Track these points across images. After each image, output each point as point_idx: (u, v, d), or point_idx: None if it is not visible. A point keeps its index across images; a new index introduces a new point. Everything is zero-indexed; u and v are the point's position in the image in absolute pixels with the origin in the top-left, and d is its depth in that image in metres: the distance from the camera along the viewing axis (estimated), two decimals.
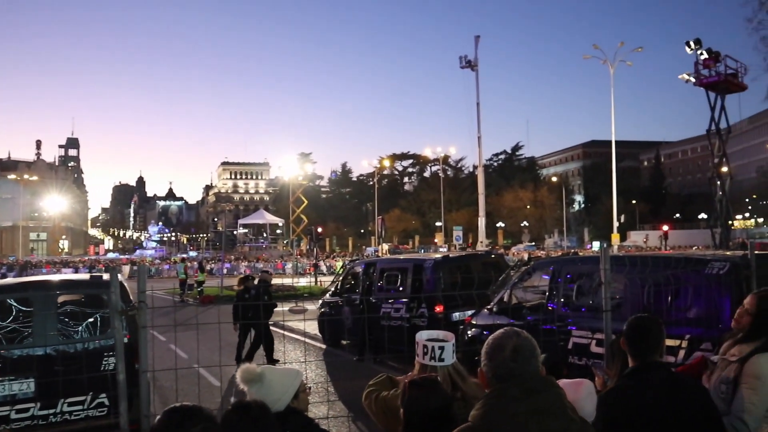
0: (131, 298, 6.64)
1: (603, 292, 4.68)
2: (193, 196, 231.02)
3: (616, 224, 47.23)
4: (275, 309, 12.73)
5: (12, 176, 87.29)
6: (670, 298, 6.58)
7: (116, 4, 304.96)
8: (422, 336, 3.07)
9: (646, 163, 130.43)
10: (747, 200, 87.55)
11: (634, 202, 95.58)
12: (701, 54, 33.29)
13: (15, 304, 7.21)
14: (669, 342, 6.50)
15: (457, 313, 11.37)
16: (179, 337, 11.88)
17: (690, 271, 6.56)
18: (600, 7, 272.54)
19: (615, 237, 47.01)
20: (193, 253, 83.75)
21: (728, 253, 8.02)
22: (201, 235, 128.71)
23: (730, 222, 39.13)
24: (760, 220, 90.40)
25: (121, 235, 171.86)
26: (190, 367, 9.97)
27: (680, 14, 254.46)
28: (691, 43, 33.39)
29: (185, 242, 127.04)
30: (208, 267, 47.83)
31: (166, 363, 10.54)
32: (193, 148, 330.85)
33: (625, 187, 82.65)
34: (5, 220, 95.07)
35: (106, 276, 8.04)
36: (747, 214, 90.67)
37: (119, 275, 8.31)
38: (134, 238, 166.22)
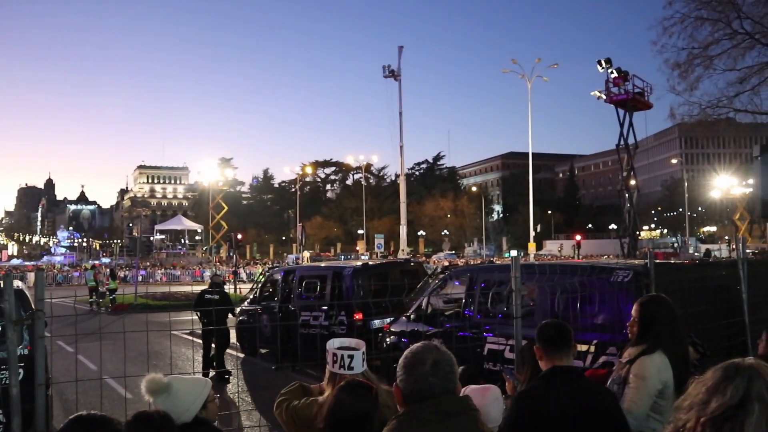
0: (33, 307, 6.29)
1: (514, 299, 4.82)
2: (107, 201, 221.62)
3: (532, 233, 48.77)
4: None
5: None
6: (578, 304, 6.83)
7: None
8: (333, 344, 3.07)
9: (561, 175, 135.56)
10: (653, 212, 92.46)
11: (549, 212, 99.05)
12: (611, 73, 34.91)
13: None
14: (577, 347, 6.79)
15: (376, 321, 11.40)
16: (89, 347, 11.39)
17: (597, 279, 6.84)
18: (520, 23, 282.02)
19: (531, 246, 48.55)
20: (105, 260, 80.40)
21: (636, 261, 8.42)
22: (115, 241, 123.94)
23: (637, 232, 41.16)
24: (665, 230, 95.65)
25: (27, 240, 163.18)
26: (98, 378, 9.54)
27: (593, 34, 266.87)
28: (603, 62, 34.96)
29: (98, 248, 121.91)
30: (121, 274, 46.06)
31: (73, 375, 10.05)
32: (108, 151, 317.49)
33: (541, 198, 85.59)
34: None
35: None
36: (653, 225, 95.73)
37: (21, 283, 7.87)
38: (41, 243, 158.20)
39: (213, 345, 12.60)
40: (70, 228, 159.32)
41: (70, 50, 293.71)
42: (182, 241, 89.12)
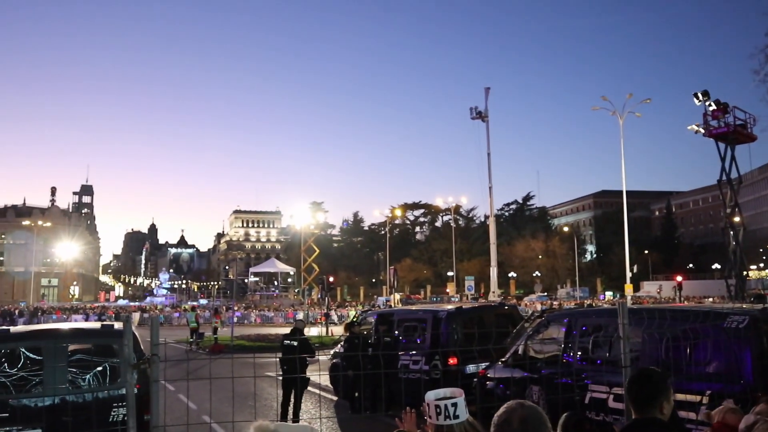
0: (142, 348, 6.59)
1: (622, 348, 4.59)
2: (205, 244, 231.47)
3: (629, 274, 46.70)
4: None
5: (26, 222, 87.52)
6: (689, 352, 6.45)
7: (129, 55, 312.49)
8: (431, 396, 3.02)
9: (657, 213, 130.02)
10: (761, 250, 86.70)
11: (646, 252, 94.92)
12: (709, 105, 33.42)
13: (26, 352, 7.18)
14: (689, 397, 6.38)
15: (471, 366, 11.20)
16: (188, 386, 11.76)
17: (708, 325, 6.45)
18: (609, 59, 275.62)
19: (628, 287, 46.48)
20: (203, 301, 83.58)
21: (745, 306, 7.90)
22: (212, 283, 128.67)
23: (745, 272, 38.69)
24: None
25: (132, 281, 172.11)
26: (203, 422, 9.85)
27: (687, 65, 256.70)
28: (699, 95, 33.57)
29: (196, 290, 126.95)
30: None
31: (175, 413, 10.41)
32: (206, 196, 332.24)
33: (636, 237, 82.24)
34: (18, 266, 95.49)
35: (117, 325, 8.00)
36: (762, 264, 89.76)
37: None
38: (145, 285, 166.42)
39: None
40: (171, 270, 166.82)
41: (172, 104, 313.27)
42: (275, 283, 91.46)
